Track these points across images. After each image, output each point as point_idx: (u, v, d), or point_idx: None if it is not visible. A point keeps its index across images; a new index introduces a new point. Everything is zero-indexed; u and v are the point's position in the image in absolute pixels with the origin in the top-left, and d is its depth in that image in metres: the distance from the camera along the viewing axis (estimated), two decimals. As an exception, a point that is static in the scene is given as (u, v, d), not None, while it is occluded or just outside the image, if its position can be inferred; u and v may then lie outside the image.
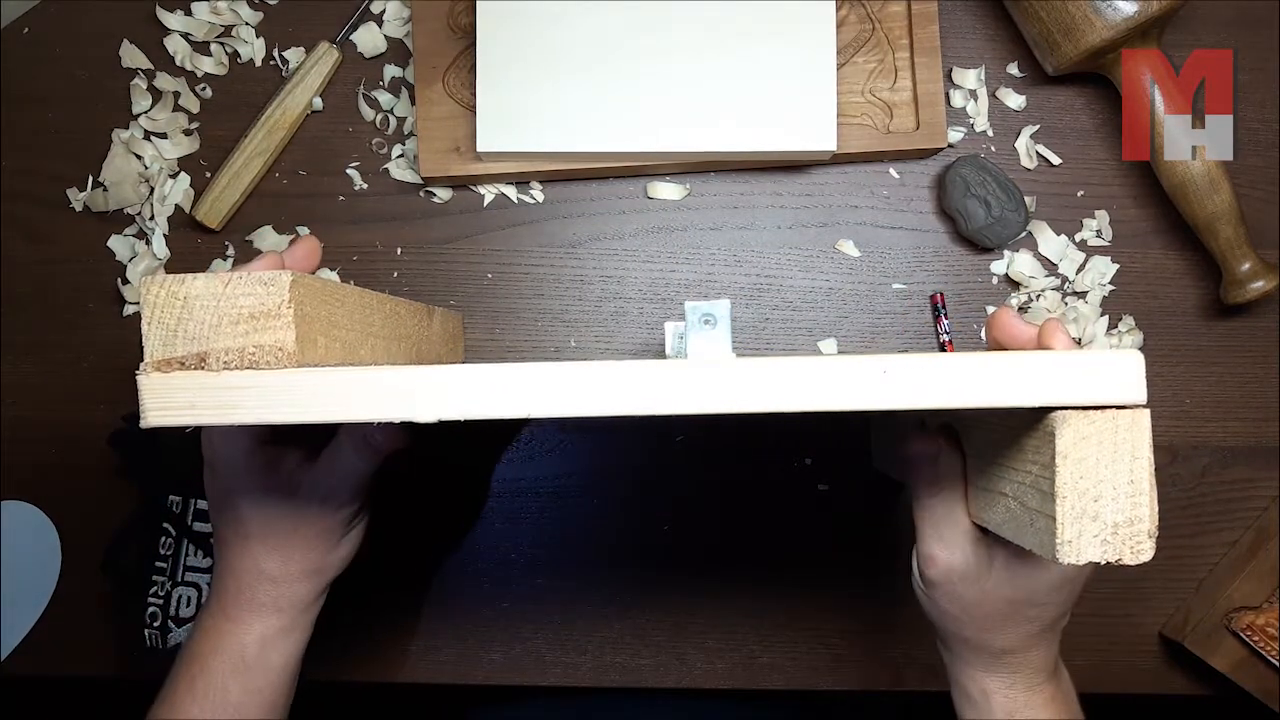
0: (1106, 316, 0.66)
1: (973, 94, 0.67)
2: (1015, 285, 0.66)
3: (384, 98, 0.67)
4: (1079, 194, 0.67)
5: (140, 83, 0.67)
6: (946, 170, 0.65)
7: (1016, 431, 0.39)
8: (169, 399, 0.35)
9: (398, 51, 0.67)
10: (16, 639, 0.66)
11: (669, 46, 0.61)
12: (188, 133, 0.67)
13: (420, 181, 0.66)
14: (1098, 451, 0.35)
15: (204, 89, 0.67)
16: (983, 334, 0.66)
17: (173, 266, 0.67)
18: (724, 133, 0.62)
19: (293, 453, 0.48)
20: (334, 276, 0.67)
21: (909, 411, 0.35)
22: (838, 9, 0.63)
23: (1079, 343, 0.66)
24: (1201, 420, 0.67)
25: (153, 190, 0.67)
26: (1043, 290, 0.66)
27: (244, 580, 0.48)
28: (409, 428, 0.47)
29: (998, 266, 0.67)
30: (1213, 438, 0.67)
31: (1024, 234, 0.66)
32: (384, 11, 0.67)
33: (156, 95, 0.67)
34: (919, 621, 0.67)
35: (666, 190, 0.67)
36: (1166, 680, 0.67)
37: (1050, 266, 0.66)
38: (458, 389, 0.35)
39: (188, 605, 0.64)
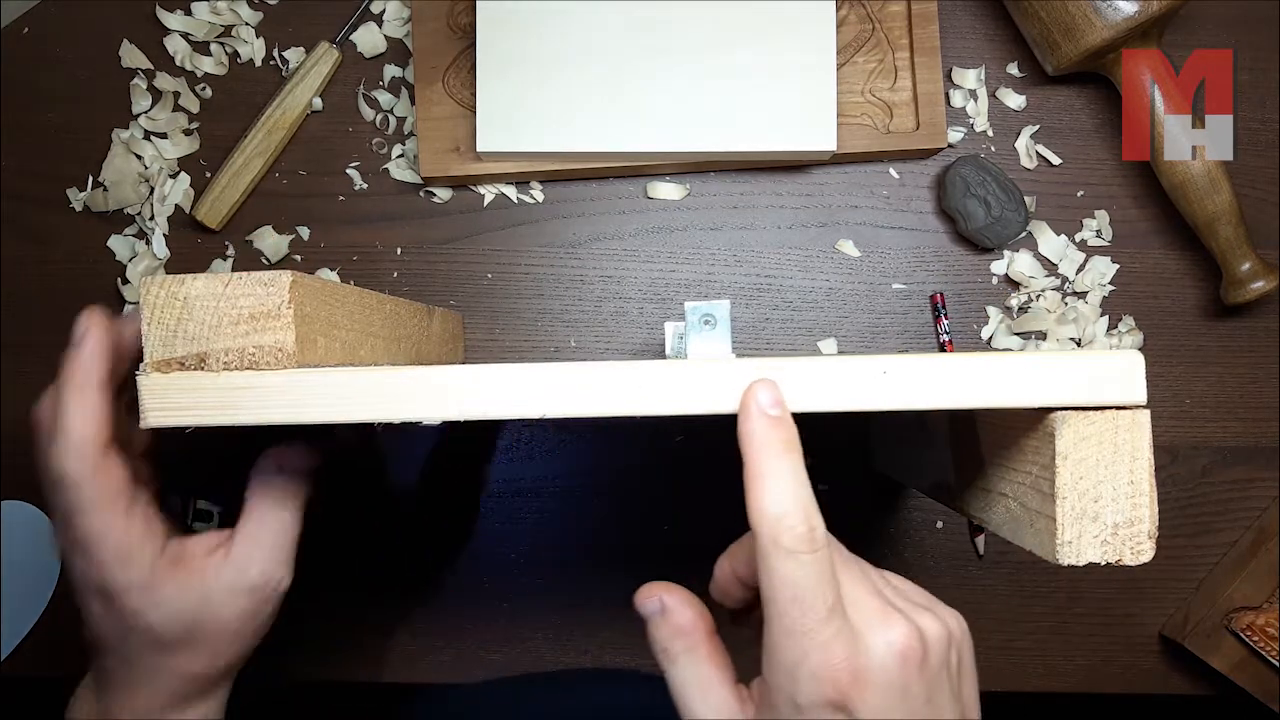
0: (1106, 316, 0.66)
1: (973, 94, 0.67)
2: (1015, 285, 0.67)
3: (384, 98, 0.67)
4: (1079, 194, 0.67)
5: (140, 83, 0.67)
6: (946, 170, 0.65)
7: (1016, 432, 0.39)
8: (169, 399, 0.35)
9: (398, 51, 0.67)
10: (16, 639, 0.66)
11: (669, 46, 0.61)
12: (188, 133, 0.67)
13: (420, 181, 0.66)
14: (1098, 452, 0.35)
15: (204, 89, 0.67)
16: (982, 334, 0.67)
17: (173, 266, 0.67)
18: (724, 133, 0.62)
19: (197, 542, 0.42)
20: (334, 276, 0.67)
21: (909, 411, 0.35)
22: (838, 9, 0.63)
23: (1078, 343, 0.66)
24: (1201, 420, 0.67)
25: (153, 190, 0.67)
26: (1043, 290, 0.66)
27: (163, 689, 0.42)
28: (326, 441, 0.44)
29: (998, 266, 0.67)
30: (1213, 438, 0.67)
31: (1024, 234, 0.66)
32: (384, 11, 0.67)
33: (156, 95, 0.67)
34: (919, 621, 0.67)
35: (666, 190, 0.67)
36: (1166, 680, 0.67)
37: (1050, 266, 0.66)
38: (458, 389, 0.35)
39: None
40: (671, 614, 0.37)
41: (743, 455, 0.34)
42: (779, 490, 0.33)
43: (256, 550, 0.41)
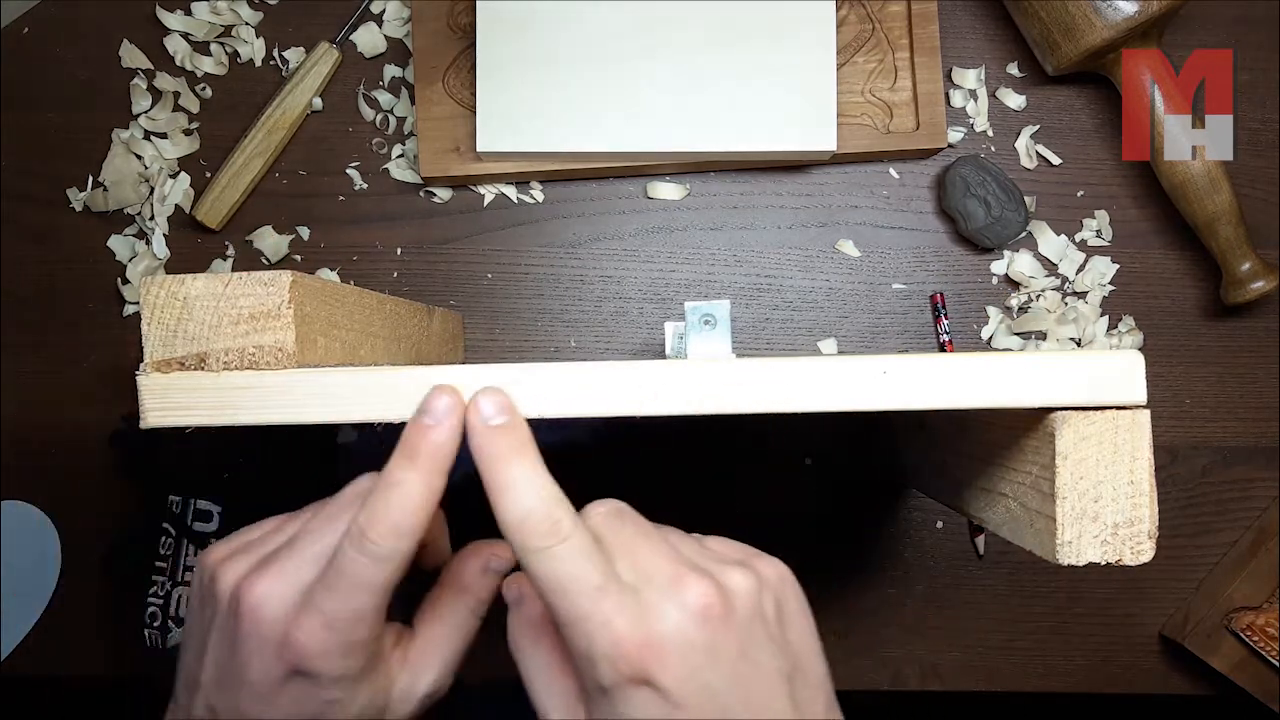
0: (1106, 316, 0.66)
1: (973, 94, 0.67)
2: (1015, 285, 0.67)
3: (384, 98, 0.67)
4: (1079, 194, 0.67)
5: (140, 83, 0.67)
6: (946, 170, 0.65)
7: (1016, 432, 0.39)
8: (169, 399, 0.35)
9: (398, 51, 0.67)
10: (16, 639, 0.66)
11: (669, 46, 0.61)
12: (188, 133, 0.67)
13: (420, 181, 0.66)
14: (1098, 452, 0.35)
15: (204, 89, 0.67)
16: (982, 334, 0.67)
17: (173, 266, 0.67)
18: (724, 133, 0.62)
19: (385, 637, 0.37)
20: (334, 276, 0.67)
21: (909, 411, 0.35)
22: (838, 9, 0.63)
23: (1078, 343, 0.66)
24: (1201, 420, 0.67)
25: (153, 190, 0.67)
26: (1043, 290, 0.66)
27: None
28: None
29: (998, 266, 0.67)
30: (1213, 438, 0.67)
31: (1024, 234, 0.66)
32: (384, 11, 0.67)
33: (156, 95, 0.67)
34: (919, 621, 0.67)
35: (666, 190, 0.67)
36: (1166, 680, 0.67)
37: (1050, 266, 0.66)
38: (458, 389, 0.35)
39: (188, 605, 0.64)
40: (525, 604, 0.36)
41: (479, 472, 0.33)
42: (516, 497, 0.32)
43: (437, 658, 0.38)
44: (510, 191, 0.67)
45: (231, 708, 0.34)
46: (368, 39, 0.67)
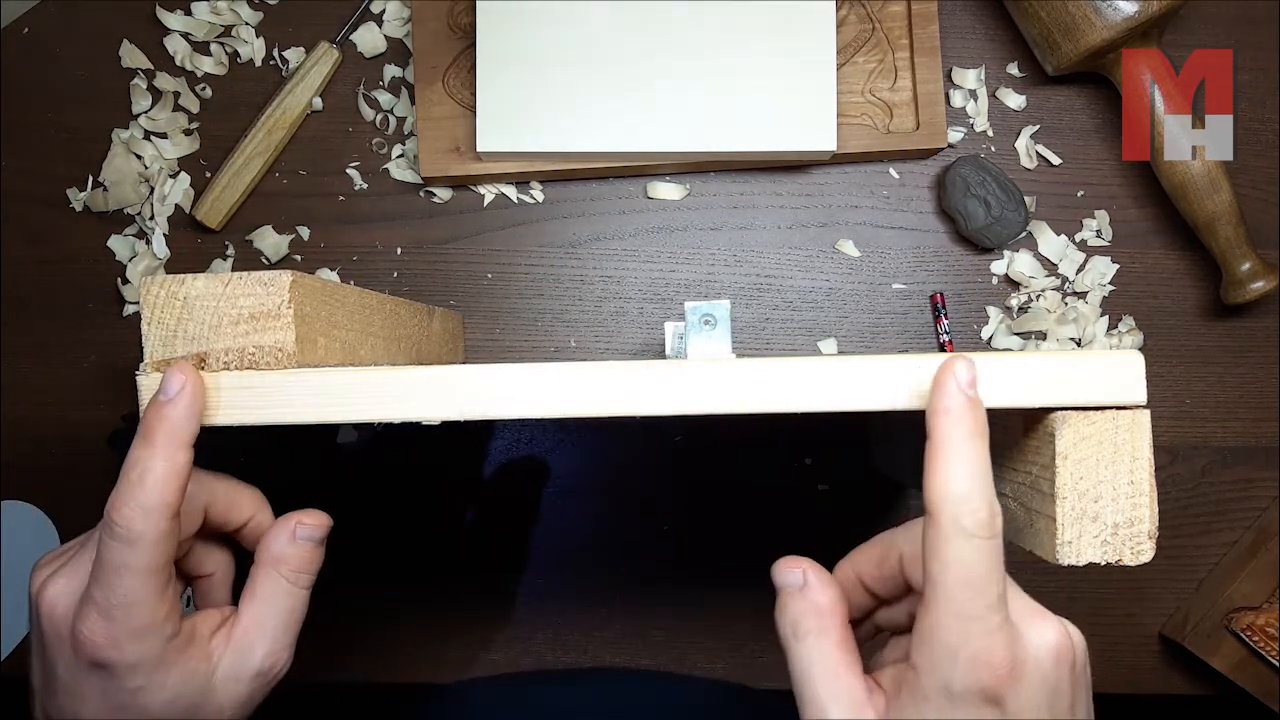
0: (1106, 316, 0.66)
1: (973, 94, 0.67)
2: (1015, 285, 0.67)
3: (384, 98, 0.67)
4: (1079, 194, 0.67)
5: (140, 83, 0.67)
6: (946, 170, 0.65)
7: (1016, 432, 0.39)
8: (169, 399, 0.35)
9: (398, 51, 0.67)
10: (16, 639, 0.66)
11: (669, 46, 0.61)
12: (188, 133, 0.67)
13: (420, 181, 0.66)
14: (1098, 452, 0.35)
15: (204, 89, 0.67)
16: (982, 334, 0.67)
17: (173, 266, 0.67)
18: (724, 133, 0.62)
19: (203, 620, 0.38)
20: (334, 276, 0.67)
21: (909, 412, 0.35)
22: (838, 9, 0.63)
23: (1078, 343, 0.66)
24: (1201, 420, 0.67)
25: (153, 190, 0.67)
26: (1043, 290, 0.66)
27: None
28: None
29: (998, 266, 0.67)
30: (1213, 438, 0.67)
31: (1024, 234, 0.66)
32: (384, 11, 0.67)
33: (156, 95, 0.67)
34: (919, 621, 0.67)
35: (666, 190, 0.67)
36: (1166, 680, 0.67)
37: (1050, 266, 0.66)
38: (458, 389, 0.35)
39: (187, 605, 0.64)
40: (811, 590, 0.35)
41: (929, 430, 0.32)
42: (965, 471, 0.32)
43: (262, 635, 0.38)
44: (510, 191, 0.67)
45: (55, 709, 0.36)
46: (368, 39, 0.67)
